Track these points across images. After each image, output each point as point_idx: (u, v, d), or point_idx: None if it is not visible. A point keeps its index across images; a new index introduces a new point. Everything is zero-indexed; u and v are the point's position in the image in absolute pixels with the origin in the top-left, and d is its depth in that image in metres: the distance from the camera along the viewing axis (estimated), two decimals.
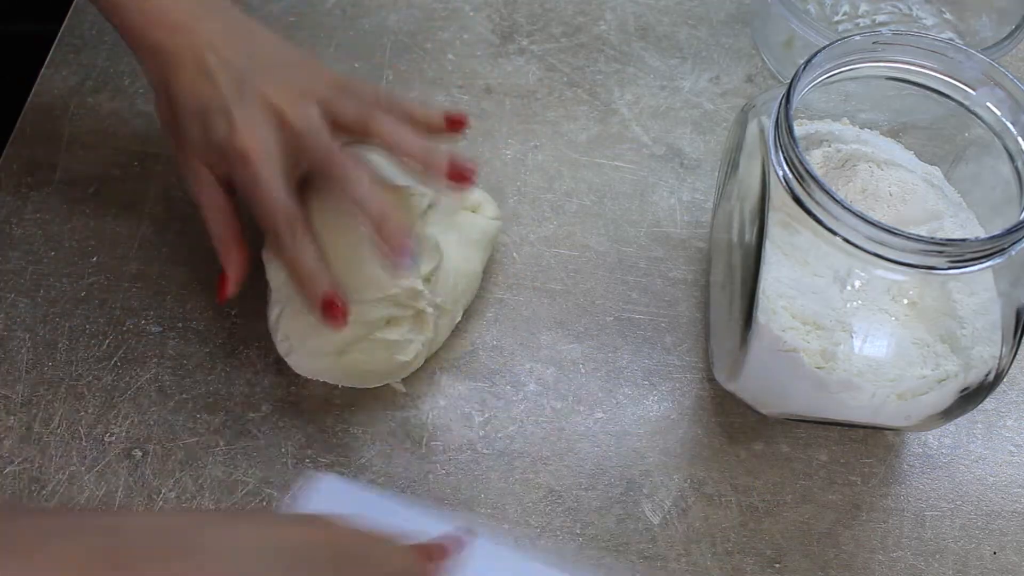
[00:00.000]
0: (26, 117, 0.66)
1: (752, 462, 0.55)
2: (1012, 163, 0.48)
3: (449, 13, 0.72)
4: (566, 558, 0.51)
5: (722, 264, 0.56)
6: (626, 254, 0.62)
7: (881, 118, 0.56)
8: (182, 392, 0.55)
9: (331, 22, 0.71)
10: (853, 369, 0.48)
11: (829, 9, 0.71)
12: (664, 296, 0.60)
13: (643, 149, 0.66)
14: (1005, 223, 0.46)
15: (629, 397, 0.57)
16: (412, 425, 0.55)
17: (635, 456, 0.55)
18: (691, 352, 0.58)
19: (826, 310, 0.48)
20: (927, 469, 0.55)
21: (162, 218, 0.62)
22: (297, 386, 0.56)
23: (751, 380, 0.52)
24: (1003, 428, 0.57)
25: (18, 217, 0.61)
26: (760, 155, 0.50)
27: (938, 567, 0.52)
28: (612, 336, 0.59)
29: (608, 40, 0.72)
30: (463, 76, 0.69)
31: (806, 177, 0.45)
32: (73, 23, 0.70)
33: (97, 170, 0.63)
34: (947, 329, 0.48)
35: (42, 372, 0.56)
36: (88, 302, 0.58)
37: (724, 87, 0.70)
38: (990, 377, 0.48)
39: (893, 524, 0.53)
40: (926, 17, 0.71)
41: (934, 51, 0.49)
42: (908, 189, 0.50)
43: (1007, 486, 0.55)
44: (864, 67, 0.50)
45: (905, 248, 0.43)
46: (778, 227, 0.49)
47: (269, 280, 0.54)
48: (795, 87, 0.47)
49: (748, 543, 0.52)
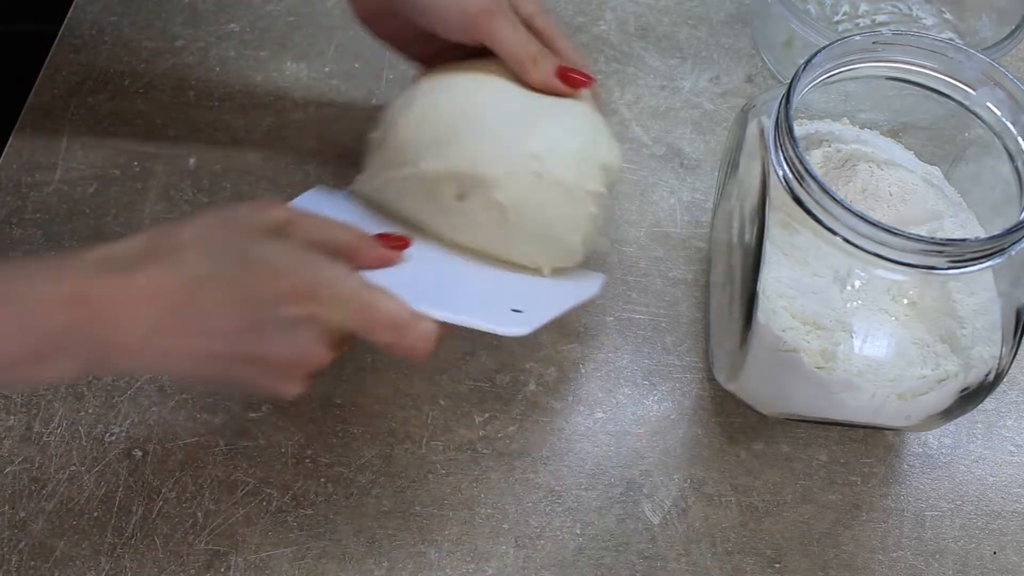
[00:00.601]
0: (26, 117, 0.66)
1: (752, 462, 0.55)
2: (1012, 163, 0.48)
3: None
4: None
5: (722, 264, 0.56)
6: (626, 254, 0.62)
7: (881, 118, 0.56)
8: (182, 392, 0.55)
9: (331, 22, 0.71)
10: (853, 369, 0.48)
11: (829, 9, 0.71)
12: (664, 296, 0.60)
13: (643, 149, 0.66)
14: (1005, 223, 0.46)
15: (629, 397, 0.57)
16: (412, 425, 0.55)
17: (635, 456, 0.55)
18: (691, 352, 0.58)
19: (826, 310, 0.48)
20: (927, 469, 0.55)
21: (162, 218, 0.62)
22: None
23: (751, 380, 0.52)
24: (1003, 428, 0.57)
25: (18, 217, 0.61)
26: (760, 155, 0.50)
27: (938, 567, 0.52)
28: (612, 336, 0.59)
29: (608, 40, 0.72)
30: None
31: (806, 177, 0.45)
32: (73, 23, 0.70)
33: (97, 170, 0.63)
34: (947, 329, 0.48)
35: None
36: None
37: (724, 87, 0.70)
38: (990, 377, 0.48)
39: (893, 524, 0.53)
40: (926, 17, 0.71)
41: (934, 51, 0.49)
42: (908, 189, 0.50)
43: (1007, 486, 0.55)
44: (864, 67, 0.50)
45: (905, 248, 0.43)
46: (778, 227, 0.49)
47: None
48: (795, 87, 0.47)
49: (748, 543, 0.52)
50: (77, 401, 0.55)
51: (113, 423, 0.54)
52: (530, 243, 0.51)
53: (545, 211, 0.51)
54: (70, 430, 0.54)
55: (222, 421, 0.55)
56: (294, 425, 0.55)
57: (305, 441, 0.54)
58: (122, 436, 0.54)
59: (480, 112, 0.52)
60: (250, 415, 0.55)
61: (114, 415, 0.54)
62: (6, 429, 0.54)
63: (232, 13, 0.71)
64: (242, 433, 0.54)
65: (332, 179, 0.64)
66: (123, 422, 0.54)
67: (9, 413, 0.54)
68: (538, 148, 0.50)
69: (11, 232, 0.61)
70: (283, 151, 0.65)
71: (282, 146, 0.65)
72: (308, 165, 0.64)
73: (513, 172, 0.50)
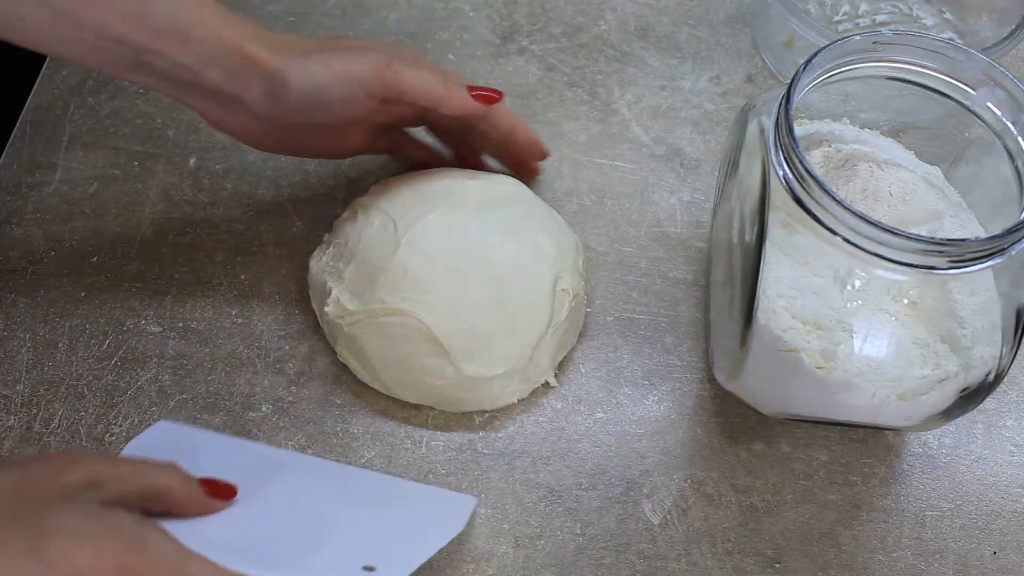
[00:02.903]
0: (26, 117, 0.66)
1: (752, 462, 0.55)
2: (1012, 163, 0.48)
3: (449, 13, 0.72)
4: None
5: (722, 264, 0.56)
6: (626, 254, 0.62)
7: (881, 118, 0.56)
8: (182, 392, 0.55)
9: (331, 22, 0.71)
10: (853, 369, 0.48)
11: (829, 9, 0.71)
12: (664, 296, 0.60)
13: (643, 149, 0.66)
14: (1005, 223, 0.46)
15: (629, 397, 0.57)
16: (412, 425, 0.55)
17: (635, 456, 0.55)
18: (691, 352, 0.58)
19: (826, 310, 0.48)
20: (927, 469, 0.55)
21: (162, 218, 0.62)
22: (297, 386, 0.56)
23: (751, 380, 0.52)
24: (1003, 428, 0.57)
25: (18, 217, 0.61)
26: (760, 155, 0.50)
27: (938, 567, 0.52)
28: (612, 336, 0.59)
29: (608, 40, 0.72)
30: (463, 76, 0.69)
31: (806, 177, 0.45)
32: None
33: (97, 170, 0.63)
34: (947, 329, 0.48)
35: (42, 372, 0.56)
36: (88, 302, 0.58)
37: (724, 87, 0.70)
38: (990, 377, 0.48)
39: (893, 524, 0.53)
40: (926, 17, 0.71)
41: (934, 51, 0.49)
42: (908, 189, 0.50)
43: (1007, 486, 0.55)
44: (864, 67, 0.50)
45: (905, 248, 0.43)
46: (778, 227, 0.49)
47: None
48: (795, 87, 0.47)
49: (748, 543, 0.52)
50: (77, 401, 0.55)
51: (113, 423, 0.54)
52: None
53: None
54: (70, 430, 0.54)
55: (222, 421, 0.55)
56: (294, 425, 0.55)
57: (305, 441, 0.54)
58: (122, 436, 0.54)
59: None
60: (250, 415, 0.55)
61: (114, 415, 0.54)
62: (6, 429, 0.54)
63: None
64: (242, 433, 0.54)
65: (332, 179, 0.64)
66: (123, 422, 0.54)
67: (9, 413, 0.54)
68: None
69: (11, 232, 0.61)
70: None
71: None
72: (308, 165, 0.64)
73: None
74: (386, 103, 0.53)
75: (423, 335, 0.52)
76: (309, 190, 0.63)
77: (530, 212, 0.57)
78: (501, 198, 0.57)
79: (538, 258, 0.54)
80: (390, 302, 0.52)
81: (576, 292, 0.56)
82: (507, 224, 0.55)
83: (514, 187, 0.58)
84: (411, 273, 0.52)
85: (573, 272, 0.56)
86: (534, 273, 0.54)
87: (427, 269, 0.52)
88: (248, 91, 0.51)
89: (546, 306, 0.54)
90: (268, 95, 0.51)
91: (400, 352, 0.53)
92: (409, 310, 0.52)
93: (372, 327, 0.53)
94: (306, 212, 0.62)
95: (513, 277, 0.53)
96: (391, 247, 0.53)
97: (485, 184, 0.57)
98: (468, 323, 0.52)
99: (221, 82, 0.50)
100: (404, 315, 0.52)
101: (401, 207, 0.55)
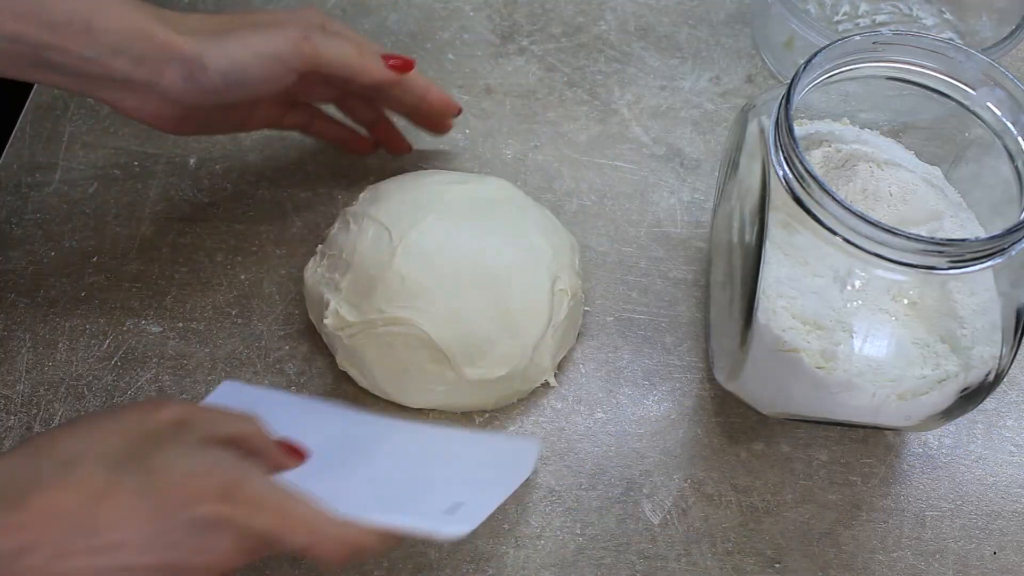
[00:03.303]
0: (26, 117, 0.66)
1: (752, 462, 0.55)
2: (1012, 163, 0.48)
3: (449, 13, 0.72)
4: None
5: (722, 264, 0.56)
6: (626, 254, 0.62)
7: (881, 118, 0.56)
8: (182, 392, 0.55)
9: None
10: (853, 369, 0.48)
11: (829, 9, 0.71)
12: (664, 296, 0.60)
13: (643, 149, 0.66)
14: (1005, 223, 0.46)
15: (629, 397, 0.57)
16: None
17: (635, 456, 0.55)
18: (691, 352, 0.58)
19: (826, 310, 0.48)
20: (927, 469, 0.55)
21: (162, 218, 0.62)
22: (297, 386, 0.56)
23: (751, 380, 0.52)
24: (1003, 428, 0.57)
25: (18, 217, 0.61)
26: (760, 155, 0.50)
27: (938, 567, 0.52)
28: (612, 336, 0.59)
29: (608, 40, 0.72)
30: (463, 76, 0.69)
31: (806, 177, 0.45)
32: None
33: (97, 170, 0.63)
34: (947, 329, 0.48)
35: (42, 372, 0.56)
36: (88, 302, 0.58)
37: (724, 87, 0.70)
38: (990, 377, 0.48)
39: (893, 524, 0.53)
40: (926, 17, 0.71)
41: (934, 51, 0.49)
42: (908, 189, 0.50)
43: (1007, 486, 0.55)
44: (864, 67, 0.50)
45: (905, 248, 0.43)
46: (778, 227, 0.49)
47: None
48: (795, 87, 0.47)
49: (748, 543, 0.52)
50: (77, 401, 0.55)
51: None
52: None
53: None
54: None
55: None
56: None
57: None
58: None
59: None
60: None
61: None
62: (6, 429, 0.54)
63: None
64: None
65: (332, 179, 0.64)
66: None
67: (9, 413, 0.54)
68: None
69: (11, 232, 0.61)
70: (283, 151, 0.65)
71: (282, 146, 0.65)
72: (308, 165, 0.64)
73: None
74: (304, 76, 0.53)
75: (423, 342, 0.52)
76: (309, 190, 0.63)
77: (523, 213, 0.57)
78: (493, 200, 0.57)
79: (535, 259, 0.54)
80: (389, 311, 0.52)
81: (574, 292, 0.56)
82: (501, 227, 0.55)
83: (505, 188, 0.58)
84: (409, 281, 0.52)
85: (570, 272, 0.56)
86: (531, 274, 0.54)
87: (425, 276, 0.52)
88: (163, 77, 0.49)
89: (545, 307, 0.54)
90: (185, 79, 0.49)
91: (401, 360, 0.53)
92: (409, 318, 0.52)
93: (372, 337, 0.53)
94: (306, 212, 0.62)
95: (511, 280, 0.53)
96: (387, 256, 0.53)
97: (475, 187, 0.57)
98: (468, 328, 0.52)
99: (131, 70, 0.49)
100: (404, 323, 0.52)
101: (394, 215, 0.55)
